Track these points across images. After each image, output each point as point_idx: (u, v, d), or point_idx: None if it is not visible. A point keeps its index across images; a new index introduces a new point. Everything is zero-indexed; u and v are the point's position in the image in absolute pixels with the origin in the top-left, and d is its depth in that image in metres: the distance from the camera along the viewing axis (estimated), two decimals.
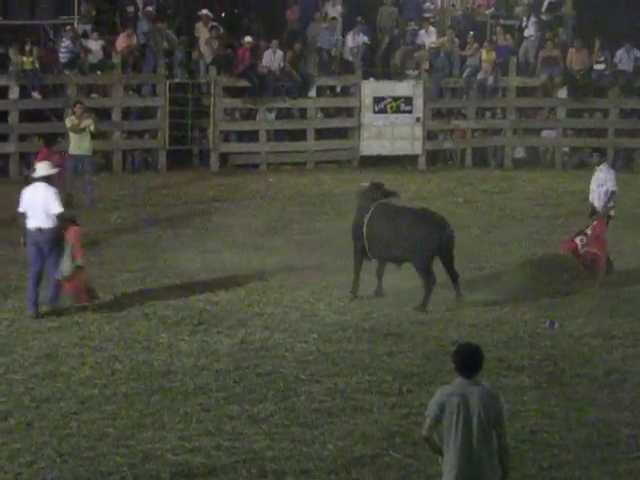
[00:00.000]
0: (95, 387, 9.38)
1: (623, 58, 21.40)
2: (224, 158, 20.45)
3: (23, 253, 13.89)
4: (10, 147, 19.10)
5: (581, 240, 13.49)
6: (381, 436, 8.48)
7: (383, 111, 20.74)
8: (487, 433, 6.24)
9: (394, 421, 8.79)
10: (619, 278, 13.36)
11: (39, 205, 11.30)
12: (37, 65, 19.01)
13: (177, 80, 20.03)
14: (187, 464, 7.91)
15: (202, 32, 20.58)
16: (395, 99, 20.79)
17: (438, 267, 11.96)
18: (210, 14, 20.74)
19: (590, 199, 13.99)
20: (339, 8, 21.80)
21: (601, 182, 13.87)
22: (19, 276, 12.77)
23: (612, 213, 13.99)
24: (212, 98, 20.15)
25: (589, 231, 13.54)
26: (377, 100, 20.73)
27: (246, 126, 20.74)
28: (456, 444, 6.23)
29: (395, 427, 8.67)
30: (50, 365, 9.90)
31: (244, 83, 20.34)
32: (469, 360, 6.34)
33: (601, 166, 14.18)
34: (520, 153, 21.65)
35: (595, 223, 13.64)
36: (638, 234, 15.61)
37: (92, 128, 17.09)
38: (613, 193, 13.86)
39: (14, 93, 19.08)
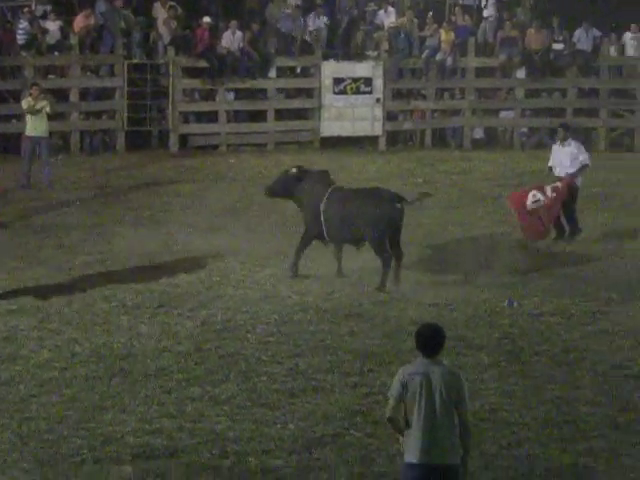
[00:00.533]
0: (55, 370, 9.33)
1: (582, 38, 21.53)
2: (183, 139, 20.33)
3: None
4: None
5: (534, 196, 13.61)
6: (342, 416, 8.52)
7: (343, 92, 20.72)
8: (449, 412, 6.31)
9: (355, 400, 8.83)
10: (577, 257, 13.50)
11: None
12: None
13: (135, 61, 19.86)
14: (148, 446, 7.90)
15: (160, 12, 20.41)
16: (355, 80, 20.78)
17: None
18: None
19: (558, 174, 14.05)
20: None
21: (574, 157, 14.01)
22: None
23: (579, 183, 14.14)
24: (171, 79, 20.01)
25: (549, 192, 13.64)
26: (337, 81, 20.70)
27: (205, 107, 20.63)
28: (419, 423, 6.29)
29: (356, 406, 8.71)
30: (9, 348, 9.83)
31: (203, 64, 20.22)
32: (431, 340, 6.39)
33: (569, 140, 14.25)
34: (479, 134, 21.74)
35: (560, 185, 13.77)
36: (596, 214, 15.77)
37: (48, 109, 16.92)
38: (586, 166, 13.95)
39: None
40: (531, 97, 21.69)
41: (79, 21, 19.75)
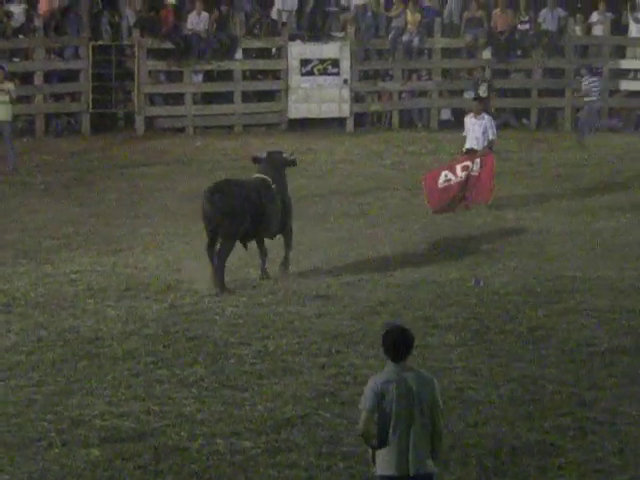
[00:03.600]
0: (21, 354, 9.28)
1: (547, 18, 21.61)
2: (149, 121, 20.21)
3: None
4: None
5: (445, 175, 14.29)
6: (311, 396, 8.55)
7: (310, 73, 20.67)
8: (425, 418, 6.10)
9: (323, 381, 8.86)
10: (543, 237, 13.59)
11: None
12: None
13: (100, 42, 19.70)
14: (116, 429, 7.89)
15: None
16: (322, 61, 20.73)
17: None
18: None
19: (469, 145, 14.89)
20: None
21: (485, 130, 14.65)
22: None
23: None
24: (136, 60, 19.86)
25: (459, 171, 14.18)
26: (304, 62, 20.64)
27: (171, 89, 20.51)
28: (395, 433, 6.05)
29: (324, 387, 8.74)
30: None
31: (169, 45, 20.09)
32: (399, 344, 6.11)
33: (483, 114, 15.11)
34: (447, 115, 21.78)
35: (486, 159, 14.45)
36: (561, 194, 15.88)
37: (13, 95, 16.72)
38: (493, 142, 14.96)
39: None
40: (497, 78, 21.74)
41: (43, 3, 19.55)
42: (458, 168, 14.67)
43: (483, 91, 18.92)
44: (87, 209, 14.74)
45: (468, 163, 14.70)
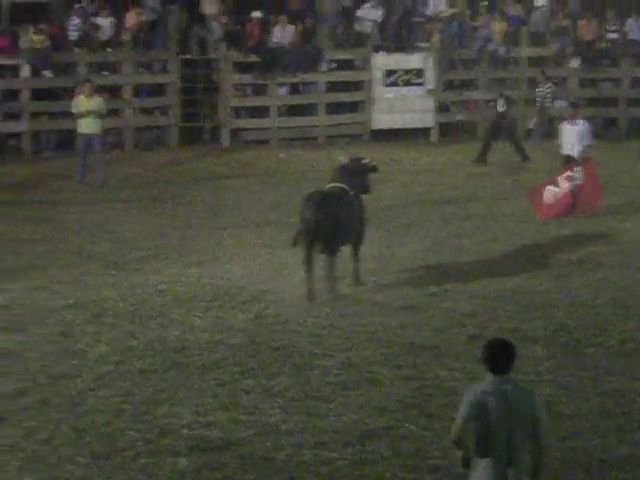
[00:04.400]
0: (111, 364, 9.41)
1: (633, 27, 21.27)
2: (235, 134, 20.42)
3: (39, 231, 14.00)
4: (22, 126, 19.12)
5: (548, 190, 14.09)
6: (396, 408, 8.50)
7: (394, 84, 20.66)
8: (525, 432, 5.96)
9: (408, 393, 8.81)
10: (633, 248, 13.32)
11: None
12: (48, 43, 19.00)
13: (188, 56, 19.98)
14: (203, 439, 7.95)
15: (211, 8, 20.51)
16: (406, 72, 20.70)
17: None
18: None
19: (565, 152, 14.79)
20: None
21: (581, 136, 14.49)
22: (35, 255, 12.82)
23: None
24: (222, 74, 20.10)
25: (562, 182, 13.96)
26: (388, 73, 20.65)
27: (256, 102, 20.70)
28: (494, 444, 5.92)
29: (410, 399, 8.68)
30: (66, 343, 9.93)
31: (254, 58, 20.28)
32: (501, 356, 5.99)
33: (579, 120, 14.99)
34: (534, 124, 21.53)
35: (586, 166, 14.28)
36: None
37: (103, 110, 17.02)
38: (589, 147, 14.79)
39: (25, 72, 19.09)
40: (584, 87, 21.44)
41: (131, 17, 19.92)
42: (561, 180, 14.40)
43: (501, 105, 18.72)
44: (174, 221, 14.94)
45: (570, 173, 14.48)
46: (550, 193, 14.33)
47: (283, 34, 20.49)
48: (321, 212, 11.19)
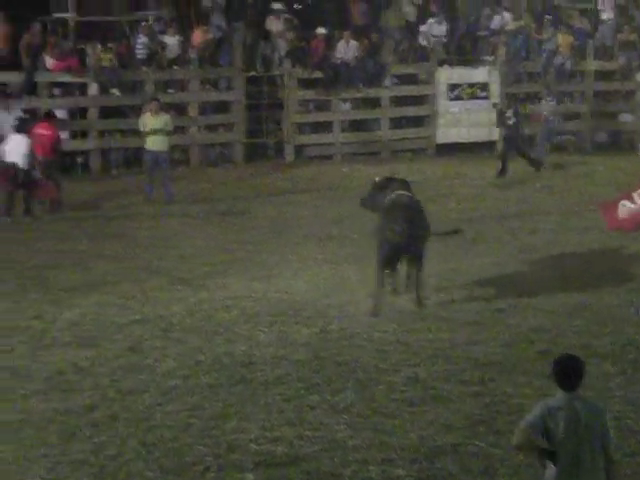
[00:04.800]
0: (178, 378, 9.48)
1: None
2: (299, 150, 20.51)
3: (108, 247, 14.21)
4: (90, 143, 19.43)
5: (623, 205, 13.80)
6: (463, 425, 8.43)
7: (459, 98, 20.59)
8: (595, 449, 5.94)
9: (476, 410, 8.73)
10: None
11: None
12: (115, 62, 19.30)
13: (252, 73, 20.14)
14: (270, 454, 7.96)
15: (275, 25, 20.67)
16: (471, 85, 20.62)
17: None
18: (283, 7, 20.81)
19: None
20: None
21: None
22: (104, 271, 12.99)
23: None
24: (286, 90, 20.21)
25: (637, 198, 13.75)
26: (452, 87, 20.58)
27: (320, 117, 20.78)
28: (565, 460, 5.91)
29: (477, 416, 8.60)
30: (134, 357, 10.03)
31: (318, 75, 20.37)
32: (570, 372, 6.00)
33: None
34: (602, 137, 21.32)
35: None
36: None
37: (169, 128, 17.23)
38: None
39: (93, 90, 19.40)
40: None
41: (197, 35, 20.14)
42: (636, 196, 14.10)
43: (510, 118, 18.54)
44: (239, 236, 15.03)
45: None
46: (625, 209, 14.00)
47: (347, 50, 20.55)
48: (410, 222, 11.05)
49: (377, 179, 12.18)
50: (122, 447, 8.09)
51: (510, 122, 18.60)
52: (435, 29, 20.96)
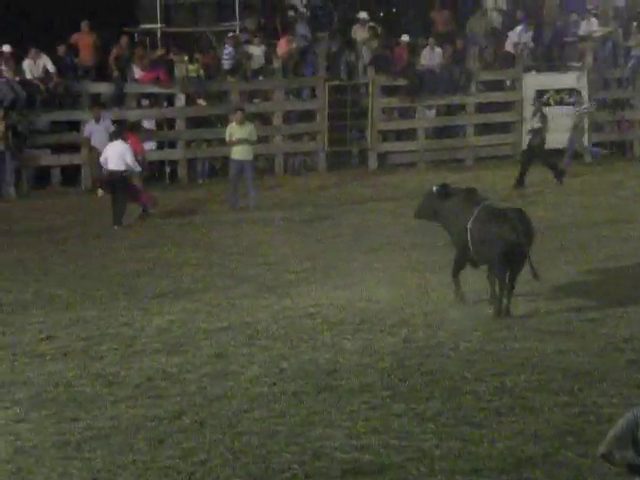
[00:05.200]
0: (264, 385, 9.53)
1: None
2: (382, 157, 20.48)
3: (194, 255, 14.39)
4: (178, 153, 19.70)
5: None
6: (552, 435, 8.31)
7: (546, 104, 20.34)
8: None
9: (565, 420, 8.60)
10: None
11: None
12: (202, 72, 19.55)
13: (336, 82, 20.19)
14: (356, 462, 7.95)
15: (359, 33, 20.69)
16: (558, 91, 20.36)
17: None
18: (367, 16, 20.83)
19: None
20: (500, 3, 21.55)
21: None
22: (191, 279, 13.15)
23: None
24: (370, 98, 20.22)
25: None
26: (539, 93, 20.35)
27: (404, 125, 20.72)
28: None
29: (566, 426, 8.47)
30: (220, 364, 10.12)
31: (402, 82, 20.33)
32: None
33: None
34: None
35: None
36: None
37: (254, 137, 17.40)
38: None
39: (180, 101, 19.68)
40: None
41: (282, 45, 20.27)
42: None
43: (537, 122, 18.06)
44: (323, 244, 15.07)
45: None
46: None
47: (431, 56, 20.47)
48: (524, 231, 11.10)
49: (435, 188, 12.02)
50: (210, 453, 8.14)
51: (536, 125, 18.25)
52: (523, 37, 20.77)
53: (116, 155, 16.15)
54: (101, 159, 16.44)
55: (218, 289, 12.68)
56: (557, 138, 20.43)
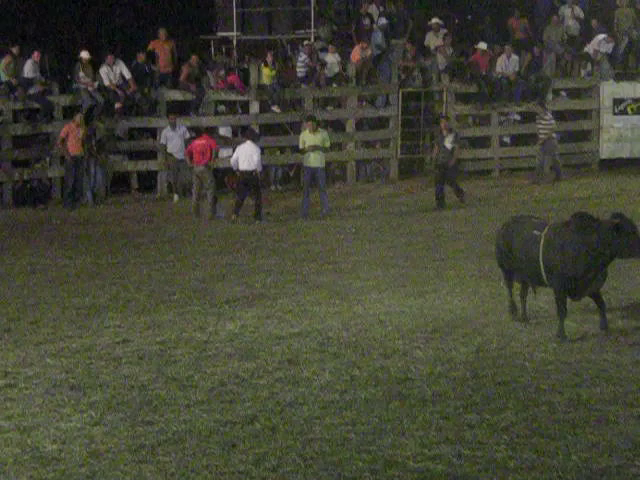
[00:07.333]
0: (336, 392, 9.53)
1: None
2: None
3: (267, 261, 14.48)
4: None
5: None
6: (627, 447, 8.17)
7: (623, 113, 20.06)
8: None
9: None
10: None
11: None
12: (276, 80, 19.68)
13: (410, 89, 20.15)
14: (428, 472, 7.91)
15: (434, 41, 20.64)
16: (636, 100, 20.06)
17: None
18: (441, 22, 20.77)
19: None
20: (577, 11, 21.32)
21: None
22: (263, 285, 13.23)
23: None
24: (444, 105, 20.14)
25: None
26: (617, 102, 20.07)
27: (479, 132, 20.60)
28: None
29: None
30: (292, 370, 10.15)
31: (476, 89, 20.22)
32: None
33: None
34: None
35: None
36: None
37: (327, 145, 17.47)
38: None
39: (255, 108, 19.83)
40: None
41: (356, 52, 20.31)
42: None
43: (450, 142, 17.56)
44: (395, 251, 15.04)
45: None
46: None
47: (507, 64, 20.33)
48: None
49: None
50: (282, 459, 8.17)
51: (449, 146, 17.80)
52: (602, 47, 20.50)
53: (246, 155, 16.69)
54: (232, 160, 17.08)
55: (290, 295, 12.73)
56: (636, 148, 20.15)
